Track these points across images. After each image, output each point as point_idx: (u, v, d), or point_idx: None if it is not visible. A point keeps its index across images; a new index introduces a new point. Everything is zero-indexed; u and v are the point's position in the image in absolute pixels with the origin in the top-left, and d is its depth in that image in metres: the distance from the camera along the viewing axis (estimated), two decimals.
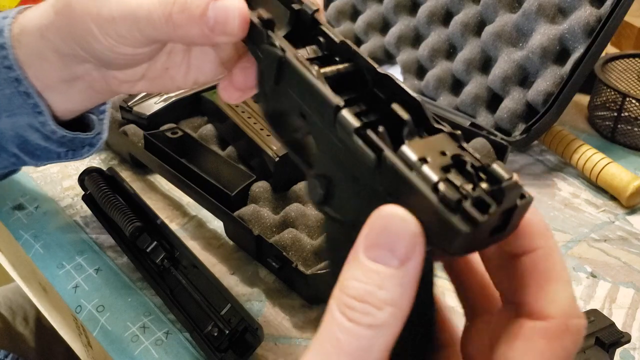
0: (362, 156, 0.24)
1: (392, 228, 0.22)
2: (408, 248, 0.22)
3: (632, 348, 0.48)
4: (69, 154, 0.48)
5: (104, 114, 0.50)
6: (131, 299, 0.51)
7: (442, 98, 0.73)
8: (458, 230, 0.21)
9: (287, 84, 0.29)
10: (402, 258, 0.21)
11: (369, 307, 0.21)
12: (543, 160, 0.71)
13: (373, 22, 0.81)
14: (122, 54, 0.37)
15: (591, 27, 0.63)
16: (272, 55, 0.30)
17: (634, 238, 0.60)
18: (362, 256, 0.22)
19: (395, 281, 0.21)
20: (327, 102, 0.26)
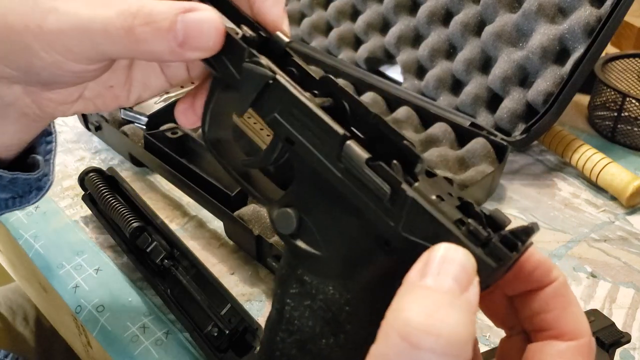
0: (374, 188, 0.23)
1: (454, 259, 0.22)
2: (469, 277, 0.22)
3: (632, 348, 0.48)
4: (16, 201, 0.44)
5: (50, 153, 0.44)
6: (131, 299, 0.51)
7: (442, 98, 0.73)
8: (488, 265, 0.21)
9: (272, 108, 0.27)
10: (464, 286, 0.21)
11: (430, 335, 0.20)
12: (543, 160, 0.71)
13: (373, 22, 0.81)
14: (69, 71, 0.32)
15: (591, 27, 0.63)
16: (257, 76, 0.27)
17: (634, 238, 0.60)
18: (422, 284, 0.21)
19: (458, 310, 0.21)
20: (332, 132, 0.24)
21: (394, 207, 0.23)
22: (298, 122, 0.26)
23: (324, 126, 0.25)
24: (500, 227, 0.23)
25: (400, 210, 0.23)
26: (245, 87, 0.28)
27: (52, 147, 0.45)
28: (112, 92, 0.39)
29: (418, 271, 0.22)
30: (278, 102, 0.27)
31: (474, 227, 0.22)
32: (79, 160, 0.68)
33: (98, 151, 0.69)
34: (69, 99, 0.38)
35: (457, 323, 0.20)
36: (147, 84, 0.39)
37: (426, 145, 0.68)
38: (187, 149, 0.63)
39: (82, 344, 0.58)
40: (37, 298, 0.69)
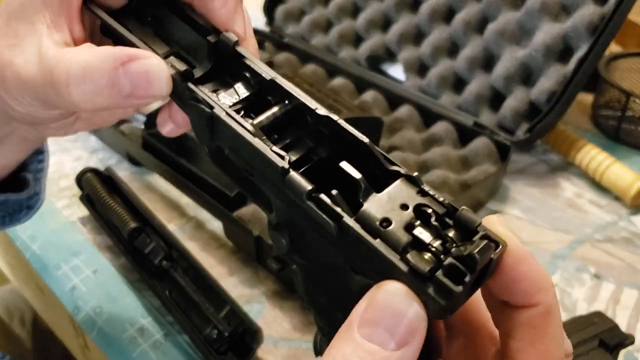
0: (321, 222, 0.22)
1: (394, 307, 0.20)
2: (409, 332, 0.20)
3: (636, 350, 0.48)
4: (6, 220, 0.44)
5: (41, 172, 0.44)
6: (129, 301, 0.50)
7: (445, 97, 0.72)
8: (435, 302, 0.20)
9: (224, 141, 0.26)
10: (400, 342, 0.20)
11: None
12: (546, 160, 0.71)
13: (374, 20, 0.80)
14: (45, 117, 0.32)
15: (595, 25, 0.63)
16: (199, 112, 0.27)
17: (638, 239, 0.59)
18: (356, 333, 0.20)
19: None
20: (272, 165, 0.24)
21: (343, 239, 0.22)
22: (245, 154, 0.25)
23: (264, 159, 0.24)
24: (469, 229, 0.21)
25: (347, 244, 0.22)
26: (196, 126, 0.27)
27: (43, 166, 0.45)
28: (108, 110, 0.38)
29: (358, 314, 0.20)
30: (226, 136, 0.26)
31: (415, 263, 0.20)
32: (76, 160, 0.67)
33: (95, 150, 0.69)
34: (66, 124, 0.38)
35: None
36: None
37: (428, 145, 0.68)
38: (185, 148, 0.63)
39: (79, 346, 0.57)
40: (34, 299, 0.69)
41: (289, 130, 0.26)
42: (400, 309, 0.20)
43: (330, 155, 0.25)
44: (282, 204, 0.25)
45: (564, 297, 0.53)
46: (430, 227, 0.21)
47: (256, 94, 0.28)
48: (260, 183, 0.26)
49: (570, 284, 0.54)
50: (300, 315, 0.50)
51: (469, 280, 0.20)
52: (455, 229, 0.21)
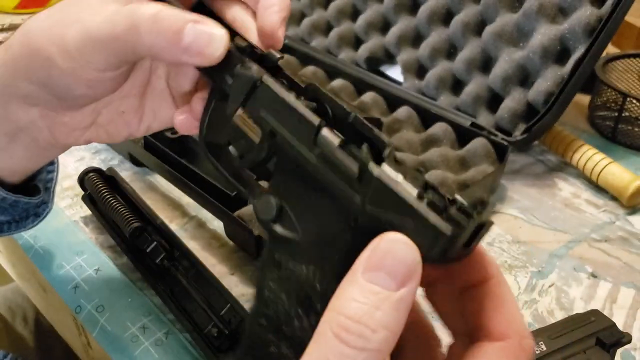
0: (344, 169, 0.25)
1: (395, 253, 0.23)
2: (408, 273, 0.23)
3: (633, 348, 0.48)
4: (12, 225, 0.45)
5: (50, 182, 0.46)
6: (131, 299, 0.51)
7: (443, 98, 0.73)
8: (442, 232, 0.22)
9: (259, 105, 0.30)
10: (400, 282, 0.22)
11: (364, 328, 0.22)
12: (544, 160, 0.71)
13: (373, 22, 0.81)
14: (84, 79, 0.34)
15: (592, 27, 0.63)
16: (246, 78, 0.31)
17: (635, 238, 0.60)
18: (361, 277, 0.23)
19: (391, 304, 0.22)
20: (309, 122, 0.27)
21: (362, 185, 0.25)
22: (280, 116, 0.29)
23: (302, 117, 0.28)
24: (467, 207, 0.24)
25: (367, 187, 0.25)
26: (236, 89, 0.31)
27: (53, 177, 0.46)
28: (124, 119, 0.40)
29: (362, 262, 0.23)
30: (264, 100, 0.30)
31: (431, 199, 0.23)
32: (78, 160, 0.68)
33: (98, 151, 0.69)
34: (82, 124, 0.39)
35: (387, 325, 0.22)
36: (158, 114, 0.41)
37: (427, 145, 0.68)
38: (187, 149, 0.63)
39: (81, 344, 0.58)
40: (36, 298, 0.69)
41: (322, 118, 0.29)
42: (400, 254, 0.23)
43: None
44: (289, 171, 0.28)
45: (561, 296, 0.53)
46: (438, 194, 0.24)
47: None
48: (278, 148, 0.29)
49: (567, 283, 0.54)
50: None
51: (476, 218, 0.22)
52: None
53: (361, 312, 0.22)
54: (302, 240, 0.27)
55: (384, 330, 0.22)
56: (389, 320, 0.22)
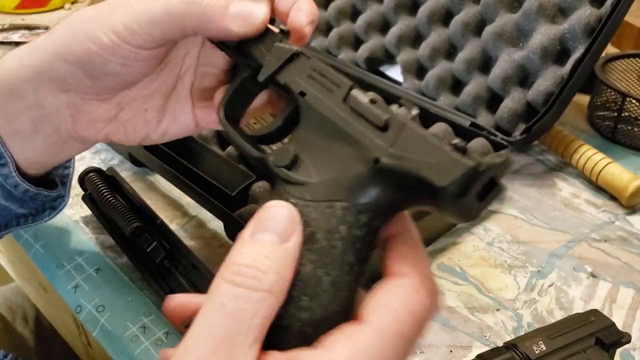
0: (372, 118, 0.29)
1: (278, 215, 0.27)
2: (290, 229, 0.26)
3: (633, 348, 0.48)
4: (29, 219, 0.46)
5: (67, 177, 0.48)
6: (131, 299, 0.51)
7: (443, 98, 0.73)
8: (464, 164, 0.25)
9: (293, 72, 0.34)
10: (284, 238, 0.26)
11: (256, 271, 0.25)
12: (543, 160, 0.71)
13: (373, 22, 0.81)
14: (122, 56, 0.37)
15: (591, 27, 0.63)
16: (285, 50, 0.35)
17: (635, 238, 0.60)
18: (250, 236, 0.26)
19: (278, 254, 0.25)
20: (343, 82, 0.31)
21: (389, 131, 0.28)
22: (312, 79, 0.33)
23: (336, 78, 0.32)
24: None
25: (395, 133, 0.28)
26: (272, 60, 0.35)
27: (69, 172, 0.48)
28: (145, 118, 0.42)
29: (249, 228, 0.26)
30: (299, 68, 0.34)
31: (455, 144, 0.26)
32: (78, 160, 0.67)
33: (98, 151, 0.69)
34: (105, 116, 0.41)
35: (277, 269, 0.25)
36: (177, 119, 0.43)
37: None
38: (187, 149, 0.63)
39: (82, 344, 0.58)
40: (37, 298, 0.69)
41: None
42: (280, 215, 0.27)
43: None
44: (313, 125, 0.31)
45: (560, 295, 0.53)
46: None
47: None
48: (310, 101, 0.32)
49: (567, 282, 0.55)
50: None
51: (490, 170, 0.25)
52: None
53: (252, 259, 0.25)
54: (319, 182, 0.29)
55: (275, 273, 0.25)
56: (278, 266, 0.25)
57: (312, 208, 0.28)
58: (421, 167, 0.26)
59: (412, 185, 0.27)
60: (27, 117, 0.40)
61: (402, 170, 0.27)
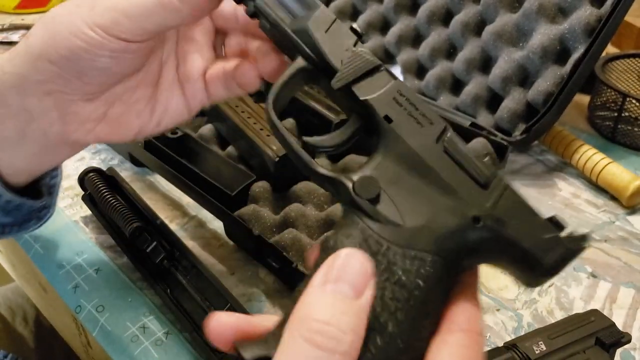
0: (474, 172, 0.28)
1: (353, 266, 0.25)
2: (365, 283, 0.25)
3: (633, 348, 0.48)
4: (14, 228, 0.45)
5: (54, 187, 0.46)
6: (131, 299, 0.51)
7: (443, 98, 0.73)
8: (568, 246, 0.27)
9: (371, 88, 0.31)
10: (359, 291, 0.25)
11: (335, 330, 0.23)
12: (543, 160, 0.71)
13: (373, 22, 0.81)
14: (108, 50, 0.35)
15: (591, 27, 0.63)
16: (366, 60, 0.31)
17: (635, 238, 0.60)
18: (322, 289, 0.25)
19: (355, 310, 0.24)
20: (437, 119, 0.29)
21: (490, 189, 0.27)
22: (398, 104, 0.29)
23: (427, 112, 0.29)
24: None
25: (497, 194, 0.27)
26: (349, 68, 0.31)
27: (56, 182, 0.46)
28: (136, 110, 0.40)
29: (320, 276, 0.25)
30: (381, 86, 0.30)
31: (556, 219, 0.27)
32: (78, 160, 0.68)
33: (98, 151, 0.69)
34: (94, 115, 0.39)
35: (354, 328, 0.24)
36: (169, 105, 0.41)
37: None
38: (187, 149, 0.63)
39: (81, 344, 0.58)
40: (36, 298, 0.69)
41: None
42: (357, 267, 0.25)
43: None
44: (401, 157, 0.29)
45: (560, 295, 0.53)
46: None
47: None
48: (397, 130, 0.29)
49: (567, 282, 0.54)
50: None
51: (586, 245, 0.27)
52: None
53: (330, 315, 0.23)
54: (410, 228, 0.27)
55: (352, 333, 0.24)
56: (355, 324, 0.24)
57: (398, 255, 0.26)
58: (525, 239, 0.26)
59: (508, 252, 0.27)
60: (14, 123, 0.38)
61: (504, 236, 0.26)
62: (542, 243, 0.26)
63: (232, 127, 0.64)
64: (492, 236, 0.27)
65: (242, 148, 0.64)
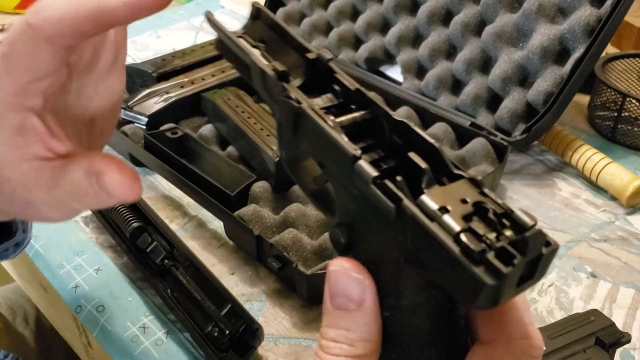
0: (381, 206, 0.24)
1: (339, 280, 0.25)
2: (360, 291, 0.25)
3: (632, 348, 0.48)
4: None
5: (27, 223, 0.44)
6: (131, 299, 0.51)
7: (443, 98, 0.73)
8: (482, 282, 0.20)
9: (305, 135, 0.29)
10: (357, 301, 0.25)
11: (348, 347, 0.25)
12: (543, 160, 0.71)
13: (373, 22, 0.81)
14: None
15: (591, 27, 0.63)
16: (288, 107, 0.29)
17: (634, 238, 0.60)
18: (329, 305, 0.26)
19: (359, 320, 0.25)
20: (344, 153, 0.25)
21: (401, 224, 0.23)
22: (322, 146, 0.27)
23: (337, 148, 0.26)
24: (522, 229, 0.21)
25: (406, 227, 0.23)
26: (284, 118, 0.30)
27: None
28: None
29: (325, 294, 0.26)
30: (307, 130, 0.28)
31: (466, 242, 0.21)
32: None
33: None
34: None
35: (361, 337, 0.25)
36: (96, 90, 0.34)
37: None
38: (187, 149, 0.63)
39: (82, 344, 0.58)
40: (37, 298, 0.69)
41: (366, 138, 0.28)
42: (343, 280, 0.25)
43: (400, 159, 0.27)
44: (347, 197, 0.27)
45: (560, 295, 0.53)
46: (486, 222, 0.22)
47: (342, 103, 0.30)
48: (329, 178, 0.28)
49: (567, 282, 0.55)
50: (300, 313, 0.50)
51: (518, 263, 0.20)
52: (511, 229, 0.22)
53: (336, 335, 0.25)
54: (370, 267, 0.26)
55: (361, 342, 0.25)
56: (365, 332, 0.25)
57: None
58: (446, 281, 0.22)
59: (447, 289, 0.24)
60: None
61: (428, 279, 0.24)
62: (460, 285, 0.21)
63: (232, 127, 0.64)
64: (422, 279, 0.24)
65: (242, 148, 0.64)
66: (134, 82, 0.74)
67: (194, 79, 0.73)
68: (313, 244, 0.53)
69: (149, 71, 0.72)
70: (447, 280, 0.22)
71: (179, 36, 0.98)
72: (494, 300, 0.21)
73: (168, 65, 0.74)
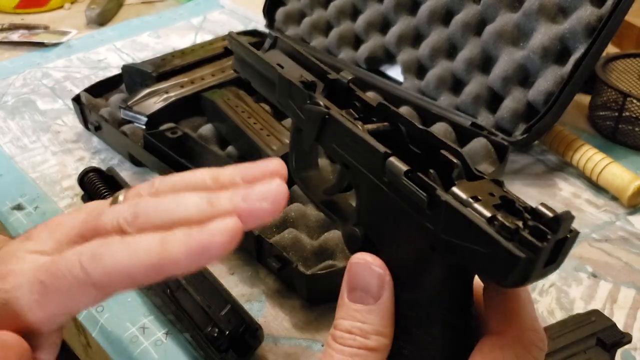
0: (414, 197, 0.25)
1: (362, 273, 0.27)
2: (379, 286, 0.26)
3: (633, 348, 0.48)
4: None
5: None
6: (131, 299, 0.51)
7: (443, 98, 0.73)
8: (517, 257, 0.22)
9: (329, 139, 0.31)
10: (375, 295, 0.26)
11: (361, 339, 0.26)
12: (544, 160, 0.71)
13: (373, 22, 0.81)
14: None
15: (592, 26, 0.63)
16: (315, 113, 0.31)
17: (635, 238, 0.60)
18: (346, 299, 0.27)
19: (374, 315, 0.26)
20: (375, 151, 0.28)
21: (433, 212, 0.25)
22: (349, 148, 0.30)
23: (369, 148, 0.28)
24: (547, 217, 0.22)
25: (439, 214, 0.25)
26: (308, 125, 0.32)
27: None
28: None
29: (343, 289, 0.27)
30: (334, 134, 0.31)
31: (501, 221, 0.22)
32: (78, 160, 0.68)
33: (98, 151, 0.69)
34: None
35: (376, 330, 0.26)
36: None
37: None
38: (186, 148, 0.63)
39: (81, 344, 0.58)
40: None
41: (388, 146, 0.29)
42: (366, 273, 0.26)
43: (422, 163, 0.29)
44: (370, 197, 0.29)
45: (561, 295, 0.53)
46: (514, 212, 0.24)
47: (362, 117, 0.32)
48: (353, 177, 0.30)
49: (567, 283, 0.54)
50: (300, 313, 0.50)
51: (551, 239, 0.21)
52: (536, 221, 0.23)
53: (350, 326, 0.26)
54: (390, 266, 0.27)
55: (376, 335, 0.26)
56: (380, 325, 0.26)
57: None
58: (477, 262, 0.23)
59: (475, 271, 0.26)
60: None
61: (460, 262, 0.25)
62: (493, 263, 0.22)
63: (232, 127, 0.64)
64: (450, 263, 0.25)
65: (242, 148, 0.64)
66: (133, 82, 0.74)
67: (193, 78, 0.73)
68: (313, 244, 0.53)
69: (149, 71, 0.72)
70: (478, 260, 0.23)
71: (178, 36, 0.98)
72: (524, 276, 0.22)
73: (168, 65, 0.74)
